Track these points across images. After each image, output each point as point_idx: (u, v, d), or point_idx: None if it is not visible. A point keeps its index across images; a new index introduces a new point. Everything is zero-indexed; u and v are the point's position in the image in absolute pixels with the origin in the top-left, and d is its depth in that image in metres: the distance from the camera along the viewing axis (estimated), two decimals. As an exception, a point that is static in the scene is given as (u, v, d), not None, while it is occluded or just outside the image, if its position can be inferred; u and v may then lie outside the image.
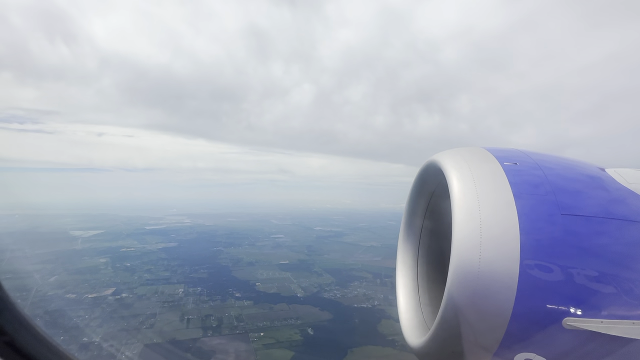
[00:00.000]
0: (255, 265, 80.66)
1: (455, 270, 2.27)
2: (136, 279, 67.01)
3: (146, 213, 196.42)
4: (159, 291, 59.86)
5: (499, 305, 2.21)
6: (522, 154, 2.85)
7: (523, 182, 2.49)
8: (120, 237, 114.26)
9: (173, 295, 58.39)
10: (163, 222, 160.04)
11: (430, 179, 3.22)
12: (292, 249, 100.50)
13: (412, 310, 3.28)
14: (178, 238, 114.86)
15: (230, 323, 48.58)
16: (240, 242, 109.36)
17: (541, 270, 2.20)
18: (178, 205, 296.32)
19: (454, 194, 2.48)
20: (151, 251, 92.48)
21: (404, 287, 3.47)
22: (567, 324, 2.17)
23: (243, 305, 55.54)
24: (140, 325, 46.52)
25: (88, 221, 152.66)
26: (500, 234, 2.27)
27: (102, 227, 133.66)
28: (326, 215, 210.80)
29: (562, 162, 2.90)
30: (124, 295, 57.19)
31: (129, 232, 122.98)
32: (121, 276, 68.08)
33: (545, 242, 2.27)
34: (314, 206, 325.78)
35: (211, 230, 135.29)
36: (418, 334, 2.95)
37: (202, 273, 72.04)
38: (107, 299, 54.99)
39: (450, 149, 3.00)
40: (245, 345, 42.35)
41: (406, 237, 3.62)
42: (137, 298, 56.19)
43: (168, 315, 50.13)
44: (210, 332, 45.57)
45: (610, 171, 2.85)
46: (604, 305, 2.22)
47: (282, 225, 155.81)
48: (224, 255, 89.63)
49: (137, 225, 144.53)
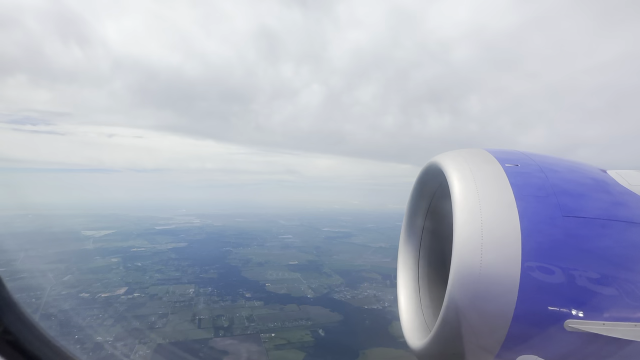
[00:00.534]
0: (264, 265, 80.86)
1: (457, 271, 2.26)
2: (147, 278, 67.62)
3: (156, 213, 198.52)
4: (170, 291, 60.30)
5: (500, 307, 2.20)
6: (524, 155, 2.84)
7: (524, 184, 2.49)
8: (131, 237, 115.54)
9: (184, 295, 58.76)
10: (172, 222, 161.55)
11: (432, 180, 3.21)
12: (301, 249, 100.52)
13: (413, 312, 3.28)
14: (187, 238, 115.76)
15: (242, 323, 48.72)
16: (249, 242, 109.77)
17: (543, 272, 2.18)
18: (187, 205, 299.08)
19: (455, 195, 2.47)
20: (161, 251, 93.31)
21: (405, 288, 3.48)
22: (569, 326, 2.15)
23: (254, 305, 55.67)
24: (152, 325, 46.91)
25: (99, 221, 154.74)
26: (502, 235, 2.26)
27: (113, 227, 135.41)
28: (334, 216, 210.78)
29: (563, 164, 2.90)
30: (136, 294, 57.76)
31: (139, 232, 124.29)
32: (133, 276, 68.78)
33: (547, 243, 2.26)
34: (321, 207, 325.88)
35: (220, 230, 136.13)
36: (419, 336, 2.94)
37: (212, 273, 72.46)
38: (119, 299, 55.62)
39: (452, 150, 2.99)
40: (256, 346, 42.41)
41: (407, 238, 3.62)
42: (149, 298, 56.70)
43: (180, 315, 50.47)
44: (221, 333, 45.75)
45: (612, 173, 2.83)
46: (606, 307, 2.20)
47: (290, 226, 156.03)
48: (234, 255, 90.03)
49: (147, 225, 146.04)
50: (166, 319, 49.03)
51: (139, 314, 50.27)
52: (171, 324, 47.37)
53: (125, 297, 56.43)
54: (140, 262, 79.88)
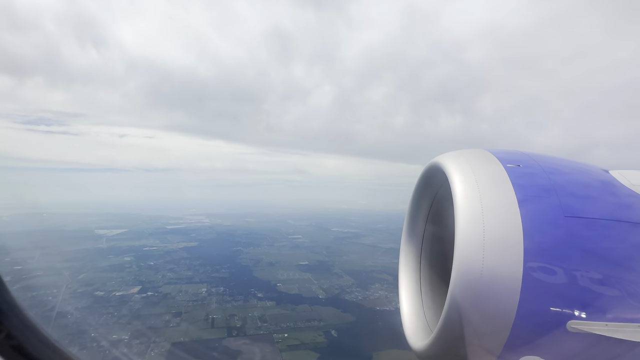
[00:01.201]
0: (275, 265, 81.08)
1: (458, 272, 2.23)
2: (160, 277, 68.34)
3: (166, 213, 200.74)
4: (183, 290, 60.80)
5: (502, 308, 2.17)
6: (525, 155, 2.80)
7: (526, 185, 2.45)
8: (143, 236, 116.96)
9: (197, 294, 59.22)
10: (183, 221, 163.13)
11: (433, 181, 3.19)
12: (311, 249, 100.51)
13: (415, 313, 3.25)
14: (198, 238, 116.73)
15: (254, 323, 48.89)
16: (259, 242, 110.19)
17: (545, 273, 2.16)
18: (197, 205, 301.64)
19: (457, 196, 2.43)
20: (173, 250, 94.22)
21: (407, 289, 3.43)
22: (572, 327, 2.13)
23: (266, 305, 55.84)
24: (166, 324, 47.38)
25: (111, 220, 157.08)
26: (504, 236, 2.23)
27: (125, 226, 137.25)
28: (342, 216, 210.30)
29: (565, 164, 2.87)
30: (150, 293, 58.39)
31: (150, 232, 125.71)
32: (146, 275, 69.56)
33: (549, 244, 2.23)
34: (329, 207, 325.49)
35: (230, 230, 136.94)
36: (421, 337, 2.91)
37: (224, 273, 72.92)
38: (133, 297, 56.28)
39: (454, 150, 2.95)
40: (270, 346, 42.47)
41: (408, 239, 3.58)
42: (162, 297, 57.27)
43: (193, 314, 50.88)
44: (235, 332, 45.96)
45: (614, 173, 2.79)
46: (609, 308, 2.17)
47: (299, 226, 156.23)
48: (244, 255, 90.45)
49: (158, 224, 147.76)
50: (180, 317, 49.44)
51: (153, 312, 50.82)
52: (185, 323, 47.74)
53: (139, 295, 57.06)
54: (152, 261, 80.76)
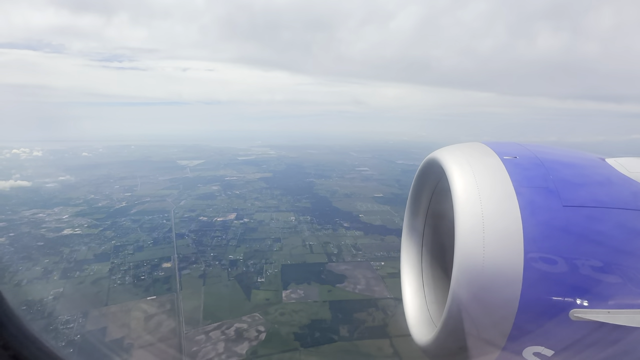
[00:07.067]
0: (351, 197, 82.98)
1: (460, 265, 2.24)
2: (249, 205, 73.74)
3: (233, 144, 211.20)
4: (274, 218, 65.26)
5: (504, 299, 2.17)
6: (521, 147, 2.84)
7: (523, 175, 2.47)
8: (220, 166, 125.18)
9: (288, 222, 63.26)
10: (251, 153, 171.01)
11: (431, 175, 3.22)
12: (382, 182, 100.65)
13: (418, 308, 3.22)
14: (270, 169, 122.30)
15: (349, 251, 51.60)
16: (329, 174, 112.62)
17: (546, 263, 2.16)
18: (260, 137, 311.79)
19: (455, 189, 2.44)
20: (252, 180, 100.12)
21: (410, 284, 3.39)
22: (574, 316, 2.14)
23: (354, 235, 58.23)
24: (270, 248, 51.93)
25: (188, 152, 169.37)
26: (503, 227, 2.24)
27: (201, 157, 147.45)
28: (404, 148, 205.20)
29: (561, 154, 2.91)
30: (246, 220, 63.63)
31: (225, 163, 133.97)
32: (236, 203, 75.40)
33: (549, 234, 2.23)
34: (389, 138, 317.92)
35: (297, 162, 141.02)
36: (425, 332, 2.88)
37: (305, 202, 76.52)
38: (233, 223, 61.83)
39: (450, 145, 2.98)
40: (371, 272, 45.06)
41: (409, 234, 3.57)
42: (258, 223, 62.14)
43: (291, 240, 54.90)
44: (334, 258, 49.17)
45: (611, 161, 2.80)
46: (611, 295, 2.16)
47: (363, 158, 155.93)
48: (318, 186, 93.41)
49: (230, 156, 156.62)
50: (280, 243, 53.70)
51: (255, 237, 55.64)
52: (287, 248, 51.86)
53: (238, 222, 62.47)
54: (237, 190, 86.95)
